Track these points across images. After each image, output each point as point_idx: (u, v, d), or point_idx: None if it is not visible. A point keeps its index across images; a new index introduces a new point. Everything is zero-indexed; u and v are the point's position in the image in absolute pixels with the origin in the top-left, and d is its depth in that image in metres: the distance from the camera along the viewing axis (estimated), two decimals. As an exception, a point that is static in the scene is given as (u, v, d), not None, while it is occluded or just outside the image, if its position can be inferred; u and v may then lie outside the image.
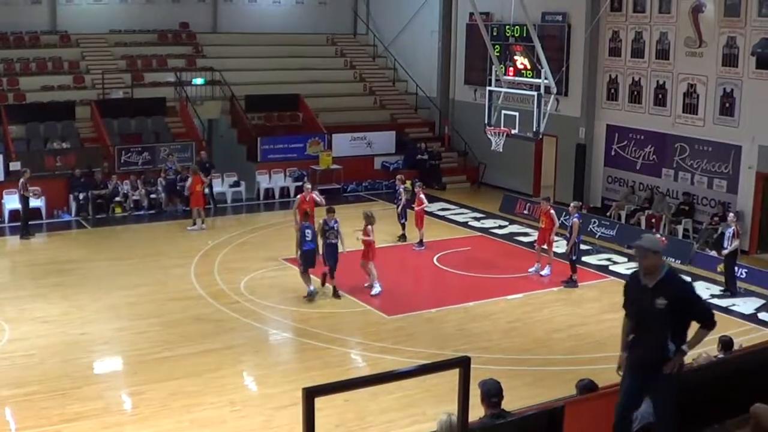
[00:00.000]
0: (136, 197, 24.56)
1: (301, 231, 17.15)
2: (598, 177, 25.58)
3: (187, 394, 12.65)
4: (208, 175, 24.37)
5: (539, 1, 25.54)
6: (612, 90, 25.00)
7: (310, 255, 16.91)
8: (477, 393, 7.08)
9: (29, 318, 15.85)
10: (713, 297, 17.96)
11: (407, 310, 16.83)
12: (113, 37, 30.41)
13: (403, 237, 21.71)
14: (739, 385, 7.42)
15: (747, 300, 17.83)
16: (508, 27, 26.07)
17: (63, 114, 26.37)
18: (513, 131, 20.34)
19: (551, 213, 19.14)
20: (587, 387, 8.15)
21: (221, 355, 14.31)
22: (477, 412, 7.08)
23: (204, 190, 23.32)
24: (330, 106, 30.46)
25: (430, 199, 25.75)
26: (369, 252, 17.66)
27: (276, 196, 26.88)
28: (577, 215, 18.62)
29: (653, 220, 22.74)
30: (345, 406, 11.63)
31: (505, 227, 23.87)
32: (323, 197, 20.56)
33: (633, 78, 24.32)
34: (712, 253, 19.92)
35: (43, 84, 27.56)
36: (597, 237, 22.52)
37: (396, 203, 22.10)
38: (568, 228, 18.79)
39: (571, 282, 18.51)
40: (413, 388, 12.06)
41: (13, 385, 12.80)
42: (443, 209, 25.79)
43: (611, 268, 20.15)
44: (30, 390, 12.64)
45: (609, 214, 23.84)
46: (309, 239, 16.91)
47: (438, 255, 20.70)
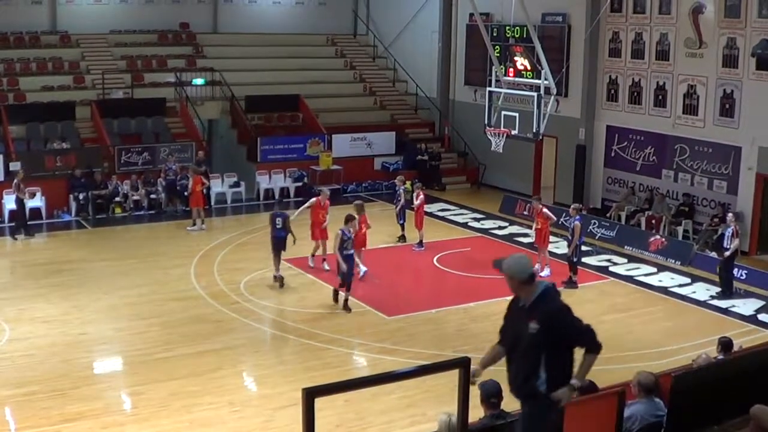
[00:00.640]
0: (136, 197, 24.56)
1: (272, 218, 18.17)
2: (598, 178, 25.57)
3: (187, 394, 12.64)
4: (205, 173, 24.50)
5: (539, 2, 25.55)
6: (612, 91, 25.00)
7: (280, 241, 17.92)
8: (477, 394, 7.08)
9: (29, 318, 15.85)
10: (713, 298, 17.99)
11: (407, 310, 16.82)
12: (113, 38, 30.40)
13: (403, 238, 21.70)
14: (739, 387, 7.41)
15: (747, 301, 17.82)
16: (508, 28, 26.08)
17: (63, 114, 26.36)
18: (513, 132, 20.35)
19: (544, 212, 19.15)
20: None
21: (221, 356, 14.30)
22: (477, 412, 7.09)
23: (203, 190, 23.33)
24: (330, 106, 30.46)
25: (430, 200, 25.81)
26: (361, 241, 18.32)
27: (276, 196, 26.86)
28: (578, 218, 18.61)
29: (653, 221, 22.73)
30: (345, 406, 11.63)
31: (505, 228, 23.86)
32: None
33: (633, 79, 24.32)
34: (712, 255, 19.92)
35: (44, 84, 27.56)
36: (597, 238, 22.51)
37: (396, 204, 22.09)
38: (569, 230, 18.77)
39: (571, 283, 18.50)
40: (413, 388, 12.07)
41: (13, 385, 12.80)
42: (443, 210, 25.79)
43: (611, 269, 20.16)
44: (30, 390, 12.64)
45: (609, 215, 23.84)
46: (279, 227, 17.90)
47: (438, 255, 20.69)
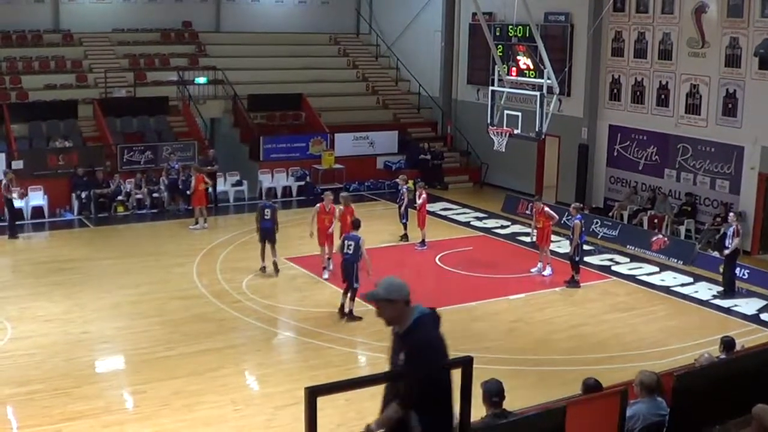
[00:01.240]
0: (138, 196, 24.57)
1: (260, 209, 18.84)
2: (600, 177, 25.55)
3: (189, 393, 12.65)
4: (214, 172, 24.95)
5: (542, 1, 25.55)
6: (615, 90, 24.98)
7: (266, 232, 18.59)
8: (479, 393, 7.08)
9: (31, 317, 15.86)
10: (715, 298, 17.97)
11: (409, 309, 16.77)
12: (116, 36, 30.42)
13: (405, 237, 21.70)
14: (741, 386, 7.41)
15: (749, 301, 17.81)
16: (511, 27, 26.07)
17: (65, 113, 26.38)
18: (515, 131, 20.34)
19: (546, 210, 19.12)
20: (593, 387, 8.14)
21: (223, 354, 14.31)
22: (479, 412, 7.09)
23: (207, 189, 23.33)
24: (332, 105, 30.46)
25: (432, 199, 25.79)
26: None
27: (278, 195, 26.85)
28: (579, 216, 18.61)
29: (655, 220, 22.71)
30: (346, 405, 11.60)
31: (507, 227, 23.84)
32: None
33: (636, 78, 24.29)
34: (714, 254, 19.90)
35: (46, 83, 27.58)
36: (599, 237, 22.49)
37: (398, 203, 22.08)
38: (570, 229, 18.77)
39: (573, 282, 18.49)
40: (415, 387, 12.03)
41: (15, 384, 12.81)
42: (445, 209, 25.77)
43: (613, 268, 20.14)
44: (32, 389, 12.65)
45: (611, 214, 23.82)
46: (267, 218, 18.59)
47: (440, 255, 20.69)
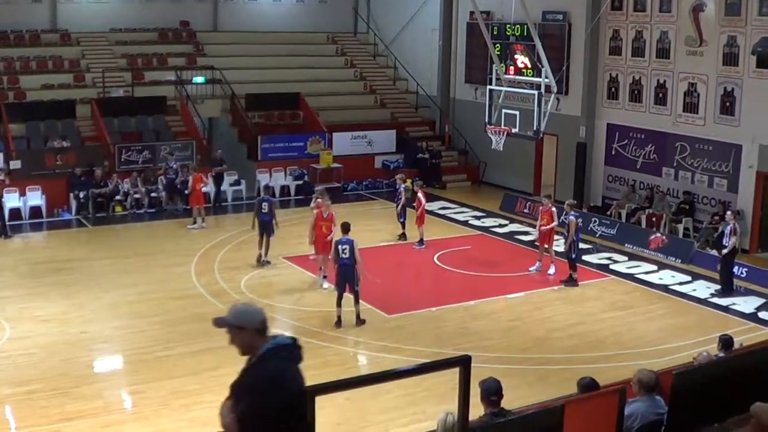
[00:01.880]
0: (136, 196, 24.57)
1: (258, 203, 19.60)
2: (598, 176, 25.57)
3: (187, 392, 12.65)
4: (222, 172, 25.47)
5: (540, 0, 25.55)
6: (612, 89, 24.99)
7: (264, 225, 19.22)
8: (477, 392, 7.08)
9: (29, 317, 15.86)
10: (713, 296, 17.98)
11: (408, 308, 16.83)
12: (114, 36, 30.39)
13: (403, 236, 21.69)
14: (740, 384, 7.41)
15: (747, 299, 17.82)
16: (508, 26, 26.07)
17: (63, 112, 26.35)
18: (513, 130, 20.34)
19: (553, 211, 19.10)
20: (588, 386, 8.14)
21: (221, 354, 14.22)
22: (477, 410, 7.09)
23: (202, 188, 23.34)
24: (330, 104, 30.46)
25: (430, 198, 25.78)
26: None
27: (276, 194, 26.84)
28: (573, 213, 18.63)
29: (653, 219, 22.73)
30: (345, 404, 11.62)
31: (506, 226, 23.85)
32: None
33: (633, 77, 24.31)
34: (712, 253, 19.90)
35: (44, 82, 27.55)
36: (597, 236, 22.50)
37: (396, 202, 22.09)
38: (565, 226, 18.78)
39: (571, 281, 18.50)
40: (414, 386, 12.05)
41: (14, 384, 12.80)
42: (443, 208, 25.78)
43: (611, 267, 20.15)
44: (30, 389, 12.64)
45: (609, 213, 23.83)
46: (265, 212, 19.27)
47: (438, 254, 20.69)
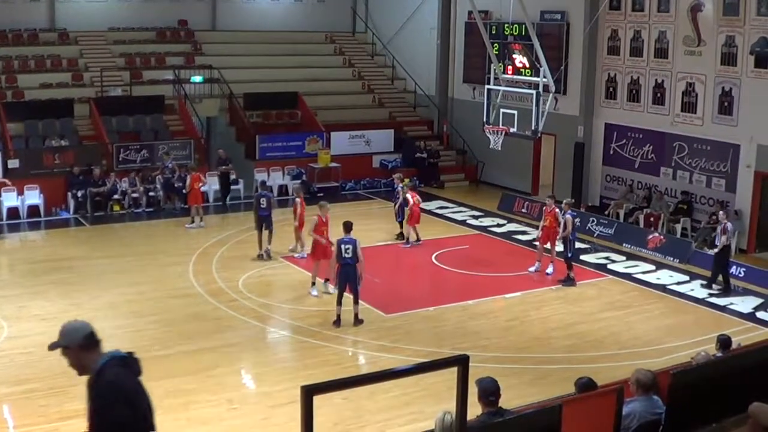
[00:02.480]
0: (134, 195, 24.56)
1: (257, 198, 19.92)
2: (596, 175, 25.58)
3: (185, 391, 12.63)
4: (227, 172, 25.73)
5: (538, 0, 25.55)
6: (611, 89, 25.00)
7: (262, 219, 19.69)
8: (475, 391, 7.08)
9: (28, 315, 15.84)
10: (711, 296, 17.99)
11: (406, 308, 16.82)
12: (112, 35, 30.36)
13: (401, 235, 21.69)
14: (738, 384, 7.42)
15: (745, 299, 17.83)
16: (507, 25, 26.06)
17: (61, 112, 26.31)
18: (512, 130, 20.35)
19: (557, 212, 19.05)
20: (586, 385, 8.15)
21: (219, 353, 14.30)
22: (475, 410, 7.09)
23: (201, 187, 23.35)
24: (328, 104, 30.46)
25: (429, 198, 25.83)
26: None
27: (274, 194, 26.84)
28: (571, 212, 18.64)
29: (651, 218, 22.74)
30: (343, 404, 11.63)
31: (504, 225, 23.85)
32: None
33: (632, 77, 24.31)
34: (710, 252, 19.89)
35: (42, 82, 27.53)
36: (595, 236, 22.51)
37: (394, 201, 22.08)
38: (561, 224, 18.77)
39: (569, 280, 18.50)
40: (411, 386, 12.06)
41: (12, 383, 12.79)
42: (441, 207, 25.78)
43: (609, 266, 20.15)
44: (28, 387, 12.63)
45: (607, 212, 23.84)
46: (263, 207, 19.64)
47: (436, 253, 20.69)
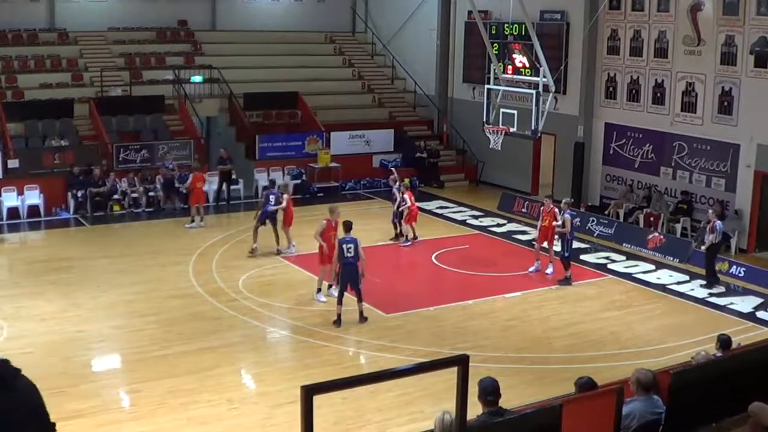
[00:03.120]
0: (134, 195, 24.56)
1: (266, 195, 20.21)
2: (596, 175, 25.58)
3: (185, 391, 12.64)
4: (228, 170, 25.77)
5: (538, 0, 25.55)
6: (610, 88, 25.00)
7: (267, 214, 19.89)
8: (475, 391, 7.07)
9: (27, 315, 15.84)
10: (711, 295, 18.00)
11: (406, 308, 16.83)
12: (112, 35, 30.36)
13: (397, 237, 21.62)
14: (738, 384, 7.42)
15: (745, 298, 17.84)
16: (506, 25, 26.05)
17: (61, 111, 26.30)
18: (511, 129, 20.34)
19: (556, 211, 19.06)
20: (586, 385, 8.14)
21: (219, 353, 14.30)
22: (476, 410, 7.08)
23: (202, 187, 23.34)
24: (328, 104, 30.45)
25: (428, 197, 25.85)
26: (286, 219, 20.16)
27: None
28: (570, 212, 18.65)
29: (651, 218, 22.74)
30: (343, 404, 11.64)
31: (504, 225, 23.86)
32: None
33: (631, 76, 24.32)
34: (701, 250, 19.84)
35: (42, 81, 27.52)
36: (595, 235, 22.51)
37: (394, 203, 22.01)
38: (560, 223, 18.76)
39: (566, 280, 18.50)
40: (411, 386, 12.07)
41: (11, 383, 12.77)
42: (441, 207, 25.79)
43: (609, 266, 20.16)
44: (28, 388, 12.60)
45: (607, 212, 23.84)
46: (272, 203, 19.83)
47: (436, 253, 20.70)
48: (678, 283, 18.90)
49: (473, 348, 14.37)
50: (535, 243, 19.74)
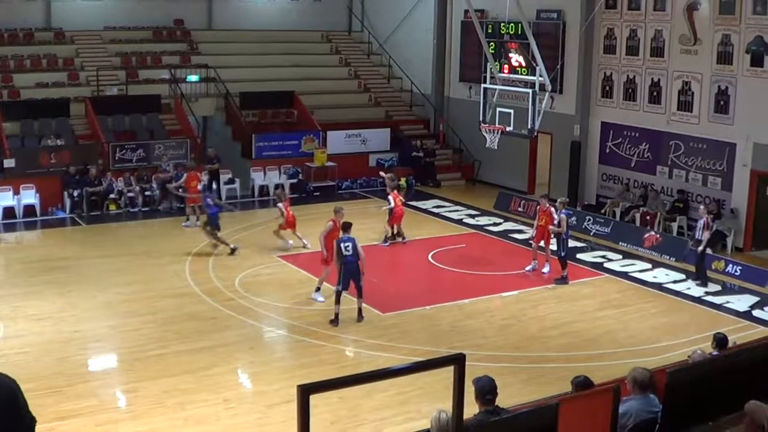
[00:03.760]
0: (130, 194, 24.53)
1: (203, 198, 20.61)
2: (592, 174, 25.60)
3: (182, 391, 12.63)
4: (216, 170, 25.66)
5: (534, -1, 25.60)
6: (607, 87, 25.01)
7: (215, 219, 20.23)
8: (471, 390, 7.08)
9: (23, 315, 15.82)
10: (707, 294, 18.02)
11: (402, 307, 16.82)
12: (108, 34, 30.32)
13: (394, 237, 21.60)
14: (734, 383, 7.43)
15: (741, 297, 17.85)
16: (503, 24, 26.07)
17: (57, 111, 26.28)
18: (508, 128, 20.32)
19: (552, 210, 19.05)
20: (583, 384, 8.14)
21: (215, 353, 14.29)
22: (472, 409, 7.08)
23: (198, 186, 23.30)
24: (325, 103, 30.44)
25: (425, 197, 25.84)
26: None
27: (270, 193, 26.87)
28: (565, 211, 18.68)
29: (648, 217, 22.76)
30: (339, 403, 11.64)
31: (500, 224, 23.87)
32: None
33: (628, 75, 24.33)
34: (707, 251, 19.90)
35: (38, 81, 27.48)
36: (592, 234, 22.53)
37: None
38: (555, 223, 18.77)
39: (562, 279, 18.52)
40: (408, 385, 12.06)
41: (7, 383, 12.75)
42: (438, 206, 25.79)
43: (606, 265, 20.17)
44: (24, 387, 12.27)
45: (603, 211, 23.85)
46: (211, 204, 20.20)
47: (433, 252, 20.70)
48: (674, 282, 18.90)
49: (469, 347, 14.37)
50: (533, 242, 19.75)
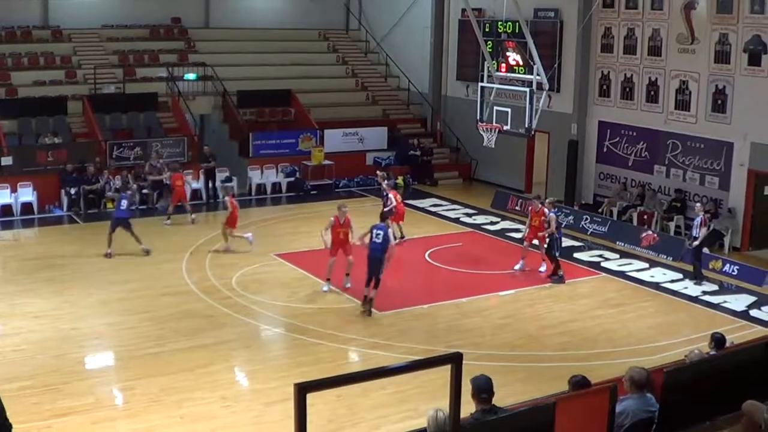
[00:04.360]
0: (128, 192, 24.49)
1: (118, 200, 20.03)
2: (590, 173, 25.60)
3: (178, 389, 12.62)
4: (212, 168, 25.62)
5: (532, -2, 25.61)
6: (604, 86, 25.01)
7: (120, 221, 19.61)
8: (468, 389, 7.08)
9: (20, 313, 15.80)
10: (705, 294, 18.03)
11: (399, 306, 16.81)
12: (105, 32, 30.29)
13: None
14: (731, 382, 7.44)
15: (738, 297, 17.85)
16: (500, 23, 26.07)
17: (55, 109, 26.26)
18: (505, 127, 20.32)
19: (545, 211, 19.02)
20: (580, 383, 8.15)
21: (212, 351, 14.28)
22: (469, 408, 7.09)
23: (184, 186, 23.43)
24: (322, 101, 30.43)
25: (422, 195, 25.82)
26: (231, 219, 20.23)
27: (268, 191, 26.88)
28: (554, 210, 18.73)
29: (645, 216, 22.77)
30: (337, 401, 11.63)
31: (497, 223, 23.87)
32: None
33: (625, 74, 24.33)
34: (704, 251, 19.93)
35: (35, 79, 27.45)
36: (589, 233, 22.54)
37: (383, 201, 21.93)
38: (547, 223, 18.76)
39: (558, 278, 18.52)
40: (405, 383, 12.05)
41: (4, 380, 12.72)
42: (435, 205, 25.78)
43: (603, 264, 20.17)
44: (21, 385, 12.59)
45: (601, 210, 23.87)
46: (123, 208, 19.68)
47: (430, 251, 20.70)
48: (671, 281, 18.91)
49: (467, 346, 14.38)
50: (525, 241, 19.66)
